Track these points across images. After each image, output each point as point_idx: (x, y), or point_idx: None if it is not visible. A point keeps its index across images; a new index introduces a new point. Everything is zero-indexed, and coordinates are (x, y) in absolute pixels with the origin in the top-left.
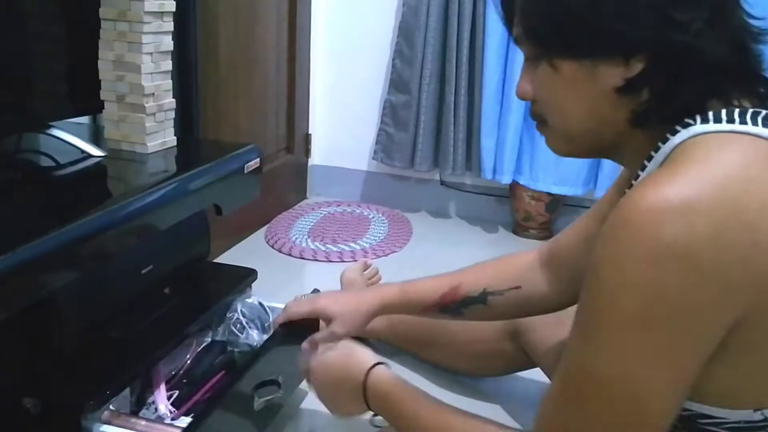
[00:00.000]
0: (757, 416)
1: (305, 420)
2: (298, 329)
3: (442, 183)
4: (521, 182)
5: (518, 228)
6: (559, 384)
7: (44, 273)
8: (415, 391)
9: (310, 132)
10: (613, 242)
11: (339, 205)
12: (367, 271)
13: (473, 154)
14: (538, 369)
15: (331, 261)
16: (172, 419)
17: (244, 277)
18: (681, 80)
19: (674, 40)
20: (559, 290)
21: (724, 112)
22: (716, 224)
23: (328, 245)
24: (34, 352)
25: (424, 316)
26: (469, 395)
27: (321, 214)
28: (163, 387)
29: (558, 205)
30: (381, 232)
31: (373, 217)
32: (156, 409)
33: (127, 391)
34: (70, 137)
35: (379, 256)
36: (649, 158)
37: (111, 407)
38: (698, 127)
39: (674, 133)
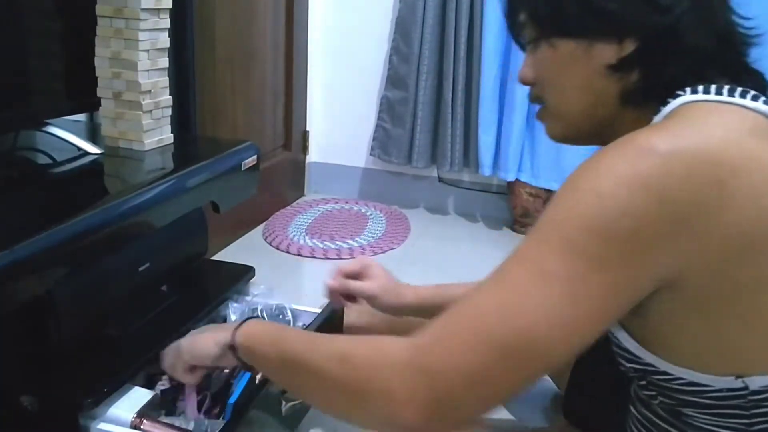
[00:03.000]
0: (738, 383)
1: (331, 423)
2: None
3: (440, 179)
4: (522, 179)
5: (516, 224)
6: (495, 272)
7: (41, 270)
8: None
9: (307, 129)
10: (597, 158)
11: (337, 202)
12: None
13: (471, 150)
14: None
15: (328, 258)
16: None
17: (242, 274)
18: (668, 61)
19: (659, 22)
20: None
21: (713, 87)
22: (690, 171)
23: (326, 242)
24: (32, 350)
25: None
26: None
27: (319, 211)
28: (194, 395)
29: None
30: (379, 229)
31: (370, 214)
32: (185, 416)
33: (155, 396)
34: (66, 134)
35: (377, 253)
36: None
37: (141, 411)
38: (688, 97)
39: (666, 104)
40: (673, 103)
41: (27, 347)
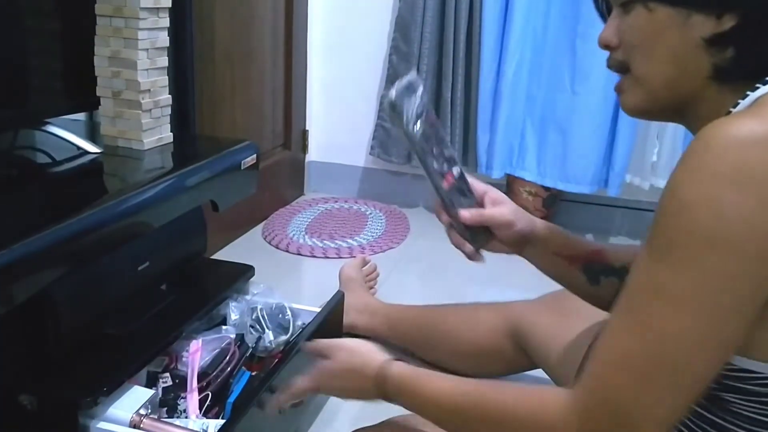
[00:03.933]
0: None
1: (329, 420)
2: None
3: None
4: (528, 178)
5: None
6: (623, 308)
7: (41, 270)
8: (429, 375)
9: (307, 128)
10: (695, 162)
11: (336, 201)
12: (365, 267)
13: (470, 149)
14: (539, 370)
15: (328, 257)
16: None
17: (242, 273)
18: (765, 41)
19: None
20: None
21: None
22: None
23: (325, 241)
24: (31, 348)
25: (559, 272)
26: None
27: (318, 210)
28: (195, 394)
29: (555, 201)
30: (378, 228)
31: (370, 213)
32: (186, 416)
33: (154, 395)
34: (66, 134)
35: (376, 252)
36: (728, 114)
37: (141, 411)
38: None
39: (755, 89)
40: (763, 89)
41: (26, 346)
